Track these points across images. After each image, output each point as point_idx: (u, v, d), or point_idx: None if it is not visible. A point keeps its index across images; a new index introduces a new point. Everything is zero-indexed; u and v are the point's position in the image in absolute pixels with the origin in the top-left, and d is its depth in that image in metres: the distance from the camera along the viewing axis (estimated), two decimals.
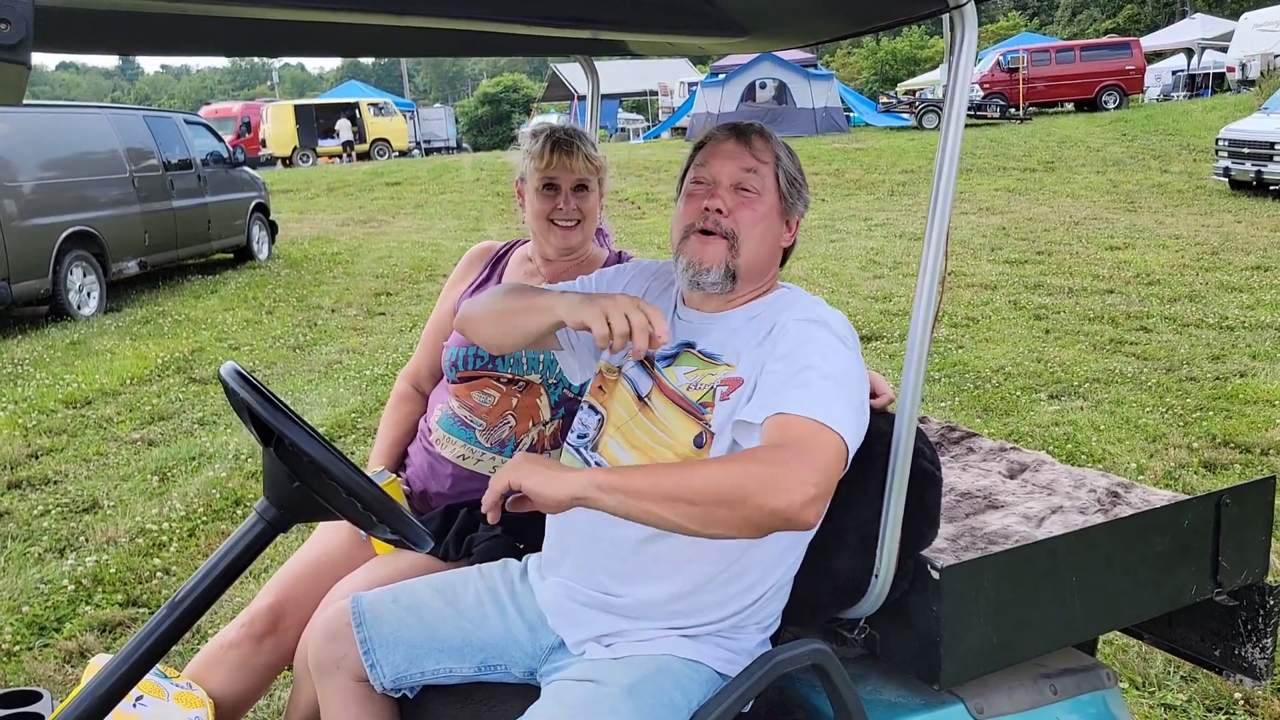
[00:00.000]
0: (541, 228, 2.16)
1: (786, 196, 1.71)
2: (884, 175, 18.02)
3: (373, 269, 11.46)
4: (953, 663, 1.67)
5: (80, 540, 4.18)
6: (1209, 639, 2.07)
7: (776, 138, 1.75)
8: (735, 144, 1.71)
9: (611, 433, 1.70)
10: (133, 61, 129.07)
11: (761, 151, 1.71)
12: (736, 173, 1.68)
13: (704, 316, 1.73)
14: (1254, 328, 6.98)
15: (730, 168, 1.68)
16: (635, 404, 1.70)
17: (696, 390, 1.64)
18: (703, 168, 1.71)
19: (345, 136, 31.60)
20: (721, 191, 1.68)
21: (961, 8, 1.48)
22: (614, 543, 1.63)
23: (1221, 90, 27.55)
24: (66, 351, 7.85)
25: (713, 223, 1.66)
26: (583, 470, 1.41)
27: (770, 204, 1.70)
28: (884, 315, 7.78)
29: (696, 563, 1.61)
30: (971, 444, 2.47)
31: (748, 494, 1.32)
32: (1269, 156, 13.31)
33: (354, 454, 5.19)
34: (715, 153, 1.71)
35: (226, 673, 1.97)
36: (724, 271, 1.66)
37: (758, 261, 1.70)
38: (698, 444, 1.61)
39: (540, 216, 2.15)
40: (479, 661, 1.71)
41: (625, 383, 1.73)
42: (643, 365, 1.73)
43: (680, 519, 1.35)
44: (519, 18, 1.74)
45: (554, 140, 2.13)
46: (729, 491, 1.33)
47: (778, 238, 1.73)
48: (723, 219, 1.66)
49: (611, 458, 1.68)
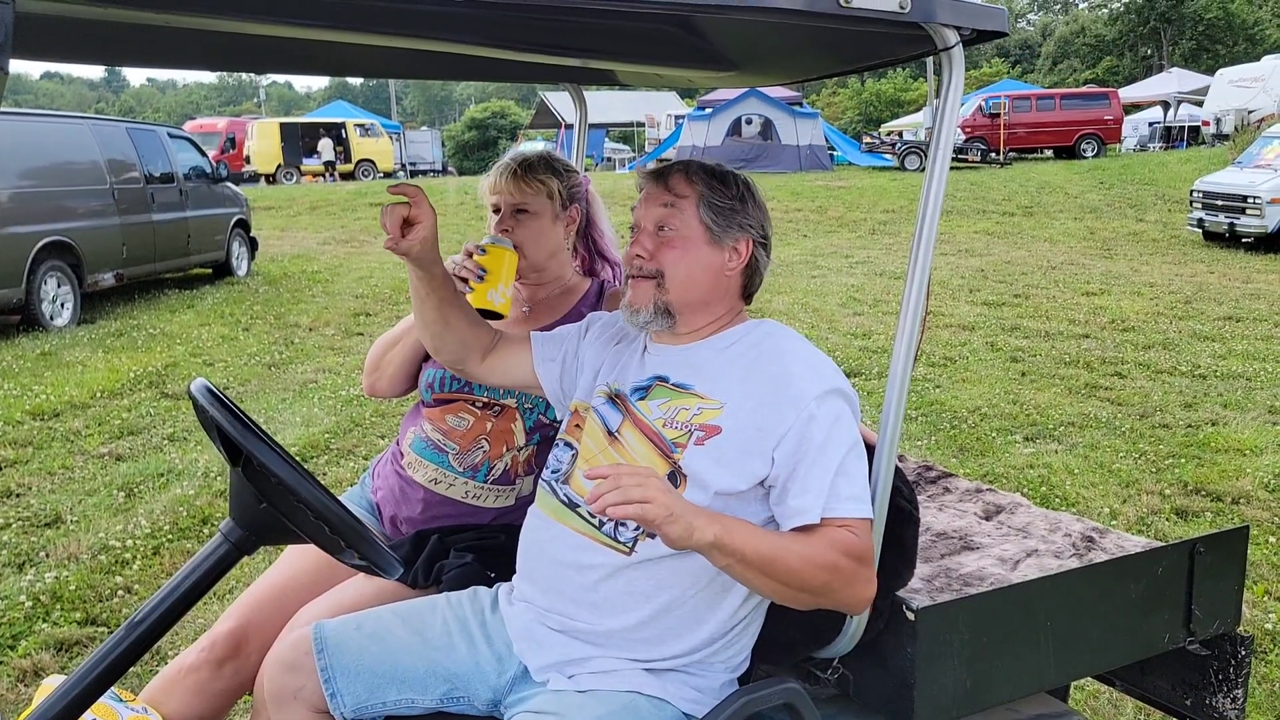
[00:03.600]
0: None
1: (712, 226, 1.70)
2: (866, 214, 18.18)
3: (353, 289, 11.40)
4: (926, 706, 1.65)
5: (40, 555, 4.09)
6: (1180, 688, 2.07)
7: (703, 173, 1.73)
8: (653, 186, 1.74)
9: (582, 466, 1.70)
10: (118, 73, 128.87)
11: (680, 186, 1.72)
12: (656, 213, 1.71)
13: (672, 349, 1.75)
14: (1226, 377, 7.06)
15: (651, 211, 1.72)
16: (605, 438, 1.70)
17: (671, 429, 1.64)
18: (634, 212, 1.76)
19: (327, 156, 31.52)
20: (643, 236, 1.72)
21: (950, 50, 1.49)
22: (582, 570, 1.63)
23: (1196, 143, 28.05)
24: (36, 362, 7.74)
25: (637, 267, 1.71)
26: (711, 524, 1.43)
27: (693, 236, 1.70)
28: (863, 352, 7.81)
29: (668, 590, 1.60)
30: (948, 484, 2.46)
31: (831, 590, 1.52)
32: (1241, 209, 13.56)
33: (326, 475, 5.13)
34: (642, 199, 1.76)
35: (184, 697, 1.92)
36: (654, 309, 1.69)
37: (692, 293, 1.70)
38: (673, 481, 1.60)
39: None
40: (442, 693, 1.68)
41: (595, 418, 1.74)
42: (613, 401, 1.73)
43: (767, 590, 1.52)
44: (509, 44, 1.74)
45: (506, 165, 2.14)
46: (818, 585, 1.50)
47: (712, 266, 1.71)
48: (645, 262, 1.70)
49: (582, 490, 1.68)
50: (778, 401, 1.60)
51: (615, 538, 1.62)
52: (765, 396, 1.62)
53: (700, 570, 1.59)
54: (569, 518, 1.68)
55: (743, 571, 1.46)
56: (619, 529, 1.62)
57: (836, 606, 1.55)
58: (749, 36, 1.79)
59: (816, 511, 1.53)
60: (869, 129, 43.62)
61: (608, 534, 1.63)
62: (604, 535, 1.63)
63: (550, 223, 2.14)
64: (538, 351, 1.89)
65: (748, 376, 1.65)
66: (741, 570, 1.45)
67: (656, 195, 1.73)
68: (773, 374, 1.64)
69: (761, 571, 1.46)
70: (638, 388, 1.72)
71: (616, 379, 1.77)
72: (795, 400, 1.59)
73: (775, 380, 1.63)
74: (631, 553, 1.60)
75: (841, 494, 1.54)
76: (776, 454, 1.58)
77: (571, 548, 1.65)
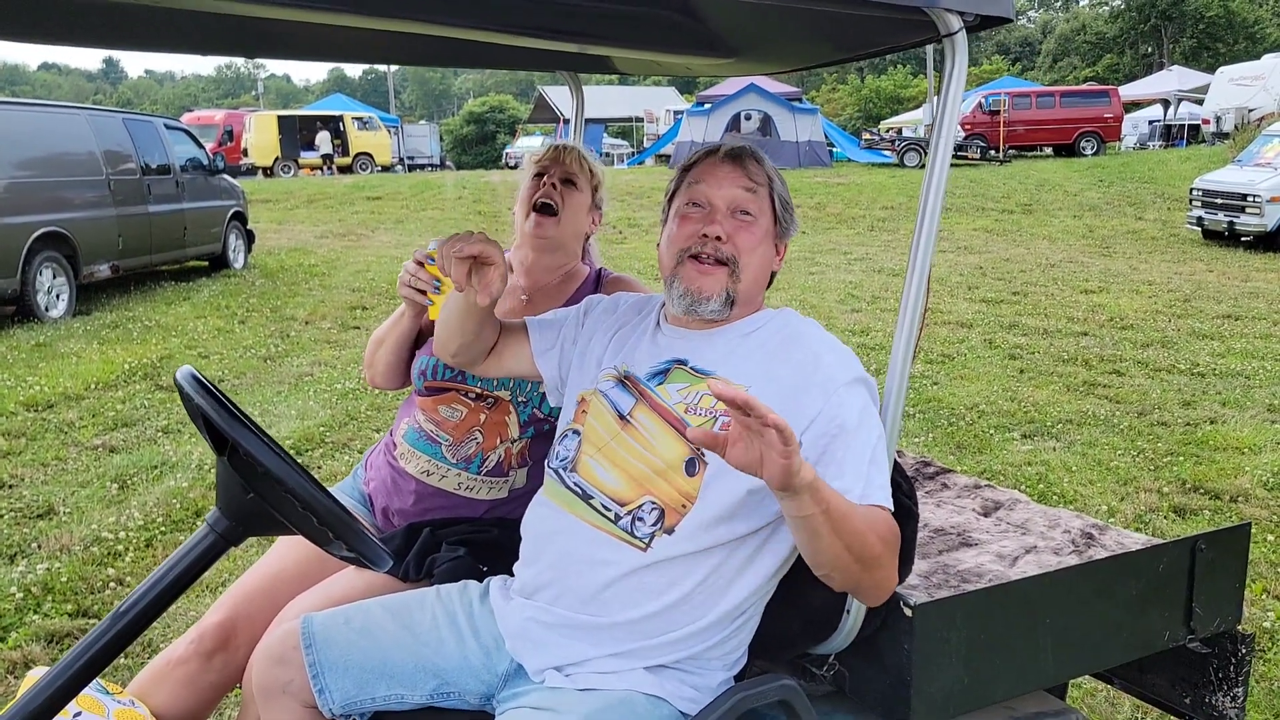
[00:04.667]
0: (522, 213, 2.16)
1: (781, 220, 1.70)
2: (864, 211, 18.15)
3: (349, 282, 11.36)
4: (923, 703, 1.63)
5: (32, 547, 4.06)
6: (1179, 686, 2.05)
7: (769, 161, 1.73)
8: (731, 167, 1.68)
9: (591, 453, 1.65)
10: (116, 65, 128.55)
11: (757, 174, 1.69)
12: (735, 195, 1.65)
13: (693, 333, 1.70)
14: (1224, 375, 7.05)
15: (728, 191, 1.66)
16: (616, 423, 1.65)
17: (695, 414, 1.60)
18: (696, 188, 1.68)
19: (325, 149, 31.42)
20: (720, 216, 1.65)
21: (953, 36, 1.46)
22: (594, 566, 1.58)
23: (1196, 141, 28.05)
24: (31, 353, 7.70)
25: (712, 248, 1.63)
26: (810, 467, 1.33)
27: (766, 227, 1.68)
28: (861, 349, 7.79)
29: (678, 587, 1.57)
30: (946, 480, 2.44)
31: (879, 565, 1.47)
32: (1241, 208, 13.54)
33: (321, 469, 5.10)
34: (711, 175, 1.68)
35: (172, 690, 1.89)
36: (724, 299, 1.64)
37: (754, 286, 1.68)
38: (689, 471, 1.57)
39: (524, 202, 2.15)
40: (432, 688, 1.65)
41: (604, 402, 1.69)
42: (624, 384, 1.69)
43: (832, 551, 1.41)
44: (504, 28, 1.71)
45: (556, 144, 2.19)
46: (873, 556, 1.45)
47: (770, 261, 1.71)
48: (722, 245, 1.63)
49: (593, 478, 1.64)
50: (805, 385, 1.57)
51: (632, 533, 1.57)
52: (792, 380, 1.58)
53: (713, 560, 1.56)
54: (582, 509, 1.63)
55: (822, 523, 1.36)
56: (636, 524, 1.57)
57: (872, 587, 1.50)
58: (748, 21, 1.76)
59: (857, 493, 1.48)
60: (868, 125, 43.59)
61: (624, 529, 1.58)
62: (620, 530, 1.58)
63: (585, 208, 2.18)
64: (536, 341, 1.84)
65: (772, 362, 1.62)
66: (821, 521, 1.35)
67: (734, 176, 1.67)
68: (798, 360, 1.61)
69: (835, 528, 1.37)
70: (655, 371, 1.67)
71: (625, 361, 1.71)
72: (824, 385, 1.56)
73: (801, 366, 1.60)
74: (648, 549, 1.56)
75: (875, 482, 1.51)
76: (805, 437, 1.53)
77: (585, 541, 1.60)
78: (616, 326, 1.79)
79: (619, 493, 1.60)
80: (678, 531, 1.56)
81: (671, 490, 1.57)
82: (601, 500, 1.60)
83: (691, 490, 1.56)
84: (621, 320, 1.80)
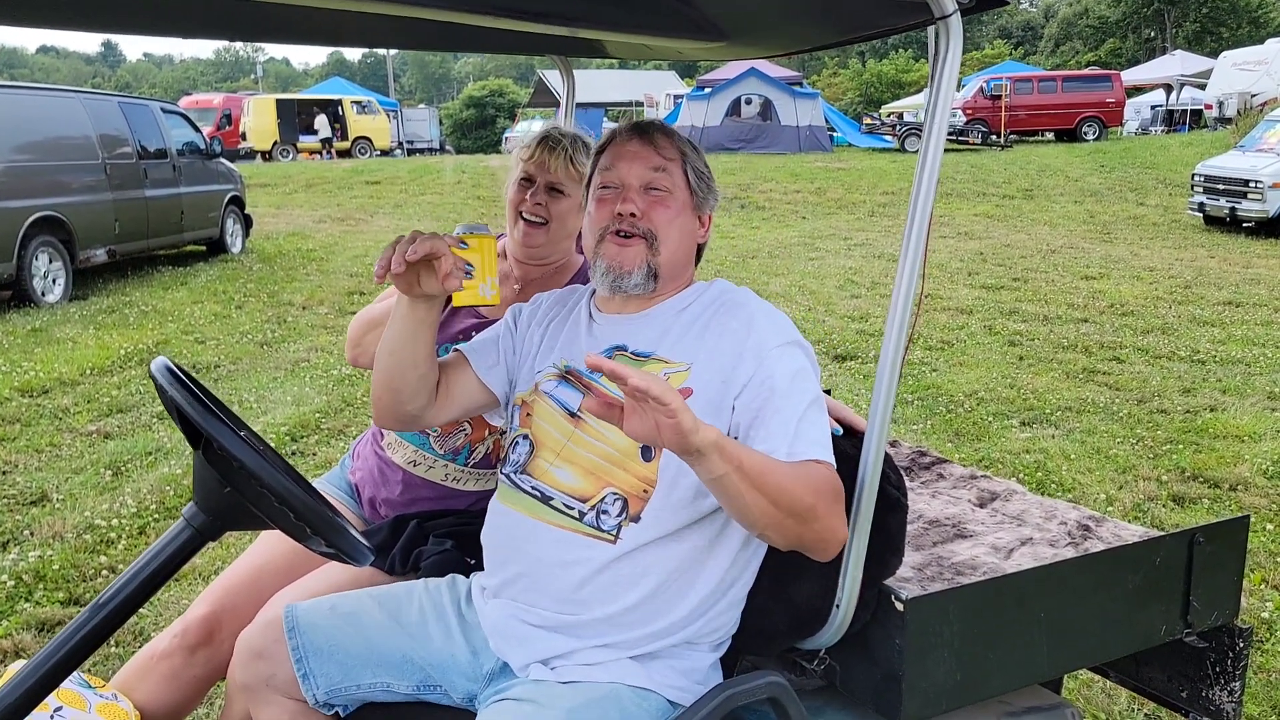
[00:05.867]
0: (510, 218, 2.11)
1: (697, 192, 1.69)
2: (865, 195, 18.08)
3: (347, 267, 11.32)
4: (915, 698, 1.61)
5: (25, 534, 4.04)
6: (1176, 680, 2.03)
7: (680, 134, 1.72)
8: (640, 144, 1.67)
9: (549, 457, 1.62)
10: (115, 48, 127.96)
11: (667, 149, 1.68)
12: (645, 173, 1.65)
13: (626, 318, 1.69)
14: (1225, 362, 7.02)
15: (638, 168, 1.66)
16: (568, 421, 1.63)
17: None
18: (609, 171, 1.68)
19: (323, 133, 31.27)
20: (632, 194, 1.64)
21: (948, 18, 1.43)
22: (566, 567, 1.56)
23: (1199, 127, 27.90)
24: (26, 338, 7.67)
25: (628, 225, 1.63)
26: (712, 428, 1.33)
27: (682, 200, 1.67)
28: (860, 335, 7.75)
29: (654, 574, 1.55)
30: (942, 470, 2.42)
31: (816, 516, 1.43)
32: (1243, 194, 13.48)
33: (316, 455, 5.08)
34: (621, 154, 1.68)
35: (156, 684, 1.87)
36: (645, 272, 1.64)
37: (677, 259, 1.67)
38: (645, 456, 1.55)
39: (512, 206, 2.11)
40: (418, 680, 1.63)
41: (550, 402, 1.66)
42: (567, 380, 1.66)
43: (758, 509, 1.39)
44: (495, 11, 1.67)
45: (545, 138, 2.10)
46: (805, 509, 1.41)
47: (693, 234, 1.71)
48: (638, 220, 1.63)
49: (550, 479, 1.61)
50: (739, 351, 1.57)
51: (598, 527, 1.56)
52: (727, 348, 1.58)
53: (684, 544, 1.55)
54: (544, 512, 1.60)
55: (738, 483, 1.35)
56: (601, 517, 1.56)
57: (816, 541, 1.45)
58: (738, 3, 1.72)
59: (784, 451, 1.47)
60: (869, 110, 43.39)
61: (590, 524, 1.56)
62: (586, 526, 1.56)
63: (575, 210, 2.08)
64: (477, 362, 1.75)
65: (707, 333, 1.62)
66: (737, 481, 1.34)
67: (643, 154, 1.66)
68: (732, 328, 1.61)
69: (754, 484, 1.36)
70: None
71: (564, 356, 1.69)
72: (756, 349, 1.56)
73: (735, 333, 1.60)
74: (617, 540, 1.54)
75: (805, 437, 1.49)
76: (738, 402, 1.54)
77: (552, 543, 1.58)
78: (545, 324, 1.77)
79: (579, 489, 1.58)
80: (644, 518, 1.54)
81: (630, 478, 1.55)
82: (562, 500, 1.58)
83: (650, 474, 1.55)
84: (548, 317, 1.78)
